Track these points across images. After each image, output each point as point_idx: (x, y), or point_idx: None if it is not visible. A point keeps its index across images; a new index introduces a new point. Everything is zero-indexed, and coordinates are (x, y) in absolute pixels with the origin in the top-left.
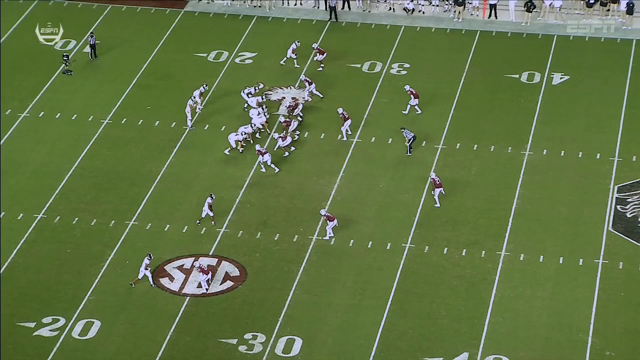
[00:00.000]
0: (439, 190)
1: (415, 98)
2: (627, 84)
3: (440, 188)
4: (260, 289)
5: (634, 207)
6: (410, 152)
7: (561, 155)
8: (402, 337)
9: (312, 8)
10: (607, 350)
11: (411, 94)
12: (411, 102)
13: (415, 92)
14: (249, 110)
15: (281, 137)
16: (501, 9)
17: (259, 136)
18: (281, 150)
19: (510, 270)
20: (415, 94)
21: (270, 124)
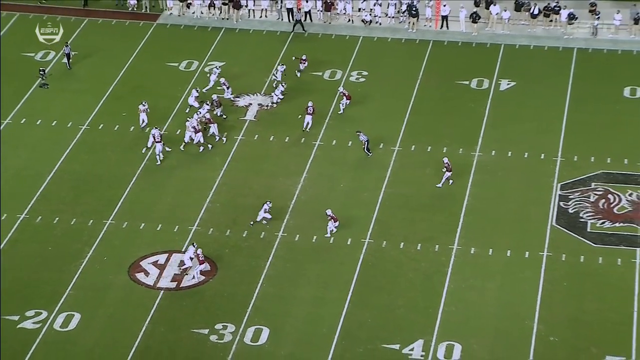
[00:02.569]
0: (449, 174)
1: (347, 99)
2: (569, 89)
3: (449, 172)
4: (230, 283)
5: (576, 203)
6: (369, 154)
7: (508, 156)
8: (362, 327)
9: (277, 20)
10: (552, 336)
11: (344, 95)
12: (342, 102)
13: (347, 94)
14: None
15: (194, 128)
16: (452, 20)
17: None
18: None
19: (462, 264)
20: (348, 95)
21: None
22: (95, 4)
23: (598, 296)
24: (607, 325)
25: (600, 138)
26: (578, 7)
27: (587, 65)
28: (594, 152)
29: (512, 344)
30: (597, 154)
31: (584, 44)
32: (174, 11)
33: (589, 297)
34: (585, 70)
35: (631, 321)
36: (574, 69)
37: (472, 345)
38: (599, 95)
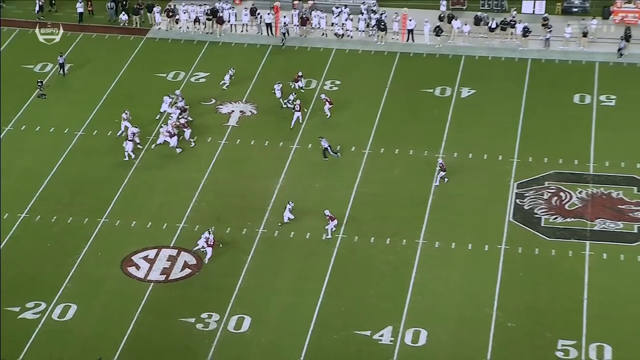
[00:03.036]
0: (443, 173)
1: (329, 104)
2: (524, 96)
3: (444, 172)
4: (215, 275)
5: (530, 200)
6: (326, 158)
7: (469, 158)
8: (336, 315)
9: (256, 34)
10: (509, 322)
11: (326, 101)
12: (326, 108)
13: (329, 100)
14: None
15: (169, 133)
16: (417, 33)
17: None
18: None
19: (427, 256)
20: (329, 101)
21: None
22: (89, 19)
23: (551, 285)
24: (560, 311)
25: (552, 141)
26: (532, 21)
27: (541, 74)
28: (547, 154)
29: (473, 330)
30: (549, 156)
31: (537, 55)
32: (162, 26)
33: (543, 286)
34: (538, 79)
35: (581, 308)
36: (529, 78)
37: (436, 331)
38: (551, 102)
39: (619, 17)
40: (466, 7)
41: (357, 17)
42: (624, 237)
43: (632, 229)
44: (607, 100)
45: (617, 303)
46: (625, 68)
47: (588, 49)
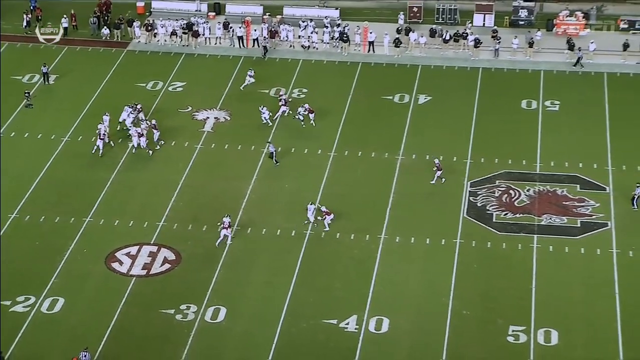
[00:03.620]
0: (440, 173)
1: (311, 113)
2: (476, 102)
3: (440, 171)
4: (193, 270)
5: (483, 198)
6: (277, 164)
7: (426, 159)
8: (305, 305)
9: (229, 46)
10: (464, 310)
11: (309, 111)
12: (311, 116)
13: (311, 109)
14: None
15: (138, 133)
16: (377, 45)
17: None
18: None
19: (389, 251)
20: (311, 109)
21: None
22: (74, 34)
23: (502, 276)
24: (511, 300)
25: (502, 143)
26: (482, 33)
27: (491, 82)
28: (498, 155)
29: (431, 318)
30: (500, 156)
31: (487, 64)
32: (141, 39)
33: (495, 277)
34: (489, 86)
35: (530, 296)
36: (480, 85)
37: (398, 319)
38: (500, 107)
39: (561, 29)
40: (422, 21)
41: (322, 30)
42: (568, 231)
43: (575, 224)
44: (552, 106)
45: (562, 291)
46: (568, 76)
47: (534, 59)
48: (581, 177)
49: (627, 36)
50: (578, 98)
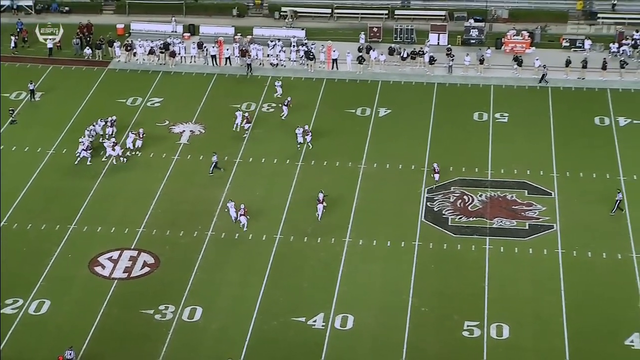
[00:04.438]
0: (437, 176)
1: (307, 135)
2: (432, 115)
3: (437, 174)
4: (170, 272)
5: (439, 203)
6: (211, 173)
7: (387, 167)
8: (275, 304)
9: (203, 64)
10: (423, 307)
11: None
12: (307, 138)
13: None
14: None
15: (111, 147)
16: (341, 62)
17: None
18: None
19: (353, 252)
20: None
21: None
22: (58, 53)
23: (458, 275)
24: (465, 297)
25: (456, 152)
26: (437, 51)
27: (445, 96)
28: (452, 163)
29: (393, 314)
30: (454, 165)
31: (442, 79)
32: (121, 59)
33: (451, 276)
34: (443, 100)
35: (483, 293)
36: (435, 99)
37: (362, 316)
38: (454, 119)
39: (509, 47)
40: (382, 40)
41: (289, 49)
42: (517, 233)
43: (524, 226)
44: (501, 117)
45: (512, 289)
46: (515, 90)
47: (484, 74)
48: (529, 183)
49: (568, 53)
50: (525, 110)
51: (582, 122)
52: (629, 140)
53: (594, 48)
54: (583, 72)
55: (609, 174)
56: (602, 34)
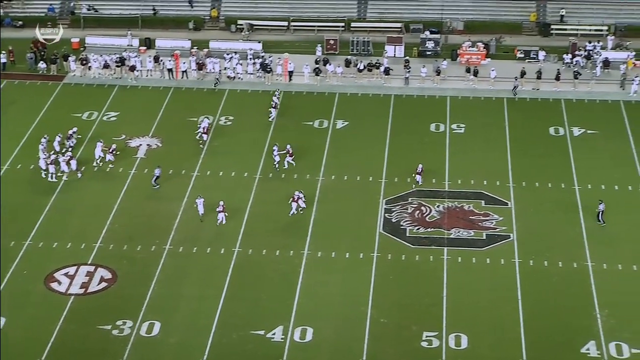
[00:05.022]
0: (419, 177)
1: (290, 156)
2: (389, 126)
3: (420, 175)
4: (128, 287)
5: (397, 214)
6: (156, 186)
7: (345, 179)
8: (234, 316)
9: (159, 78)
10: (382, 318)
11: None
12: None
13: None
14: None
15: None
16: (297, 75)
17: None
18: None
19: (311, 264)
20: (290, 152)
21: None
22: (12, 68)
23: (416, 285)
24: (424, 307)
25: (414, 163)
26: (394, 63)
27: (402, 107)
28: (410, 174)
29: (352, 326)
30: (412, 176)
31: (399, 91)
32: (76, 73)
33: (410, 286)
34: (400, 112)
35: (442, 303)
36: (392, 111)
37: (321, 328)
38: (411, 130)
39: (465, 58)
40: (338, 52)
41: (246, 62)
42: (475, 243)
43: (481, 236)
44: (458, 128)
45: (470, 298)
46: (472, 101)
47: (441, 86)
48: (486, 194)
49: (523, 64)
50: (481, 121)
51: (537, 132)
52: (583, 150)
53: (548, 59)
54: (538, 82)
55: (564, 183)
56: (555, 45)
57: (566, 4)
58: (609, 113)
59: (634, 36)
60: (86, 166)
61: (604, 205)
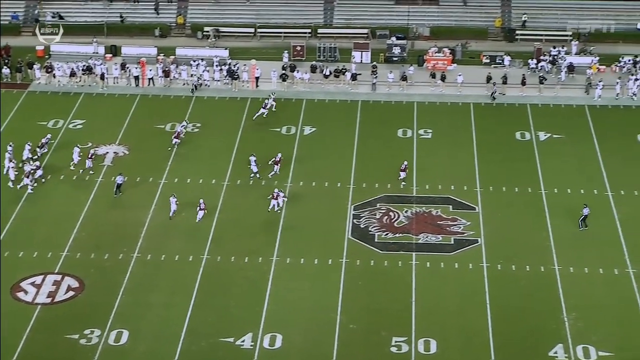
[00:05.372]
0: (403, 174)
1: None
2: (357, 132)
3: (404, 172)
4: (96, 295)
5: (365, 220)
6: (117, 194)
7: (313, 185)
8: (203, 324)
9: (126, 85)
10: (351, 324)
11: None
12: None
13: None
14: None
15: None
16: (264, 81)
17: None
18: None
19: (280, 271)
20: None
21: None
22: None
23: (385, 291)
24: (393, 313)
25: (381, 169)
26: (361, 69)
27: (369, 113)
28: (378, 180)
29: (321, 332)
30: (380, 181)
31: (366, 97)
32: (42, 80)
33: (379, 292)
34: (368, 117)
35: (410, 309)
36: (360, 116)
37: (290, 334)
38: (379, 136)
39: (431, 64)
40: (305, 58)
41: (212, 69)
42: (443, 248)
43: (449, 241)
44: (425, 134)
45: (439, 303)
46: (438, 106)
47: (407, 91)
48: (453, 199)
49: (489, 70)
50: (448, 126)
51: (504, 137)
52: (549, 154)
53: (514, 64)
54: (503, 87)
55: (531, 187)
56: (521, 50)
57: (530, 10)
58: (574, 117)
59: (598, 41)
60: (53, 174)
61: (588, 210)
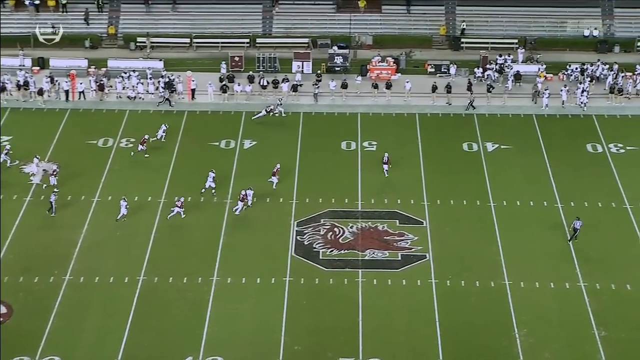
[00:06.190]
0: (386, 166)
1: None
2: (299, 145)
3: (387, 165)
4: (25, 321)
5: (309, 236)
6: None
7: (253, 201)
8: (140, 348)
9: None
10: (296, 345)
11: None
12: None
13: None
14: None
15: None
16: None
17: None
18: None
19: (221, 291)
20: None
21: None
22: None
23: (331, 310)
24: (339, 332)
25: (325, 182)
26: (305, 79)
27: (312, 125)
28: (321, 194)
29: (264, 353)
30: (323, 196)
31: (308, 108)
32: None
33: (324, 311)
34: (310, 129)
35: (357, 328)
36: (302, 128)
37: (232, 357)
38: (322, 148)
39: (375, 73)
40: (244, 69)
41: (147, 81)
42: (390, 264)
43: (397, 257)
44: (370, 146)
45: (387, 321)
46: (383, 117)
47: (351, 102)
48: (400, 213)
49: (434, 79)
50: (394, 138)
51: (451, 148)
52: (497, 165)
53: (460, 73)
54: (449, 97)
55: (479, 200)
56: (466, 58)
57: (475, 17)
58: (522, 127)
59: (544, 49)
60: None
61: (580, 223)
